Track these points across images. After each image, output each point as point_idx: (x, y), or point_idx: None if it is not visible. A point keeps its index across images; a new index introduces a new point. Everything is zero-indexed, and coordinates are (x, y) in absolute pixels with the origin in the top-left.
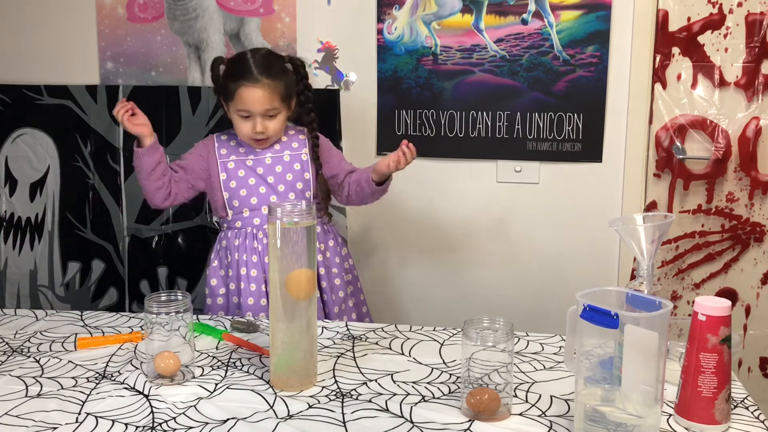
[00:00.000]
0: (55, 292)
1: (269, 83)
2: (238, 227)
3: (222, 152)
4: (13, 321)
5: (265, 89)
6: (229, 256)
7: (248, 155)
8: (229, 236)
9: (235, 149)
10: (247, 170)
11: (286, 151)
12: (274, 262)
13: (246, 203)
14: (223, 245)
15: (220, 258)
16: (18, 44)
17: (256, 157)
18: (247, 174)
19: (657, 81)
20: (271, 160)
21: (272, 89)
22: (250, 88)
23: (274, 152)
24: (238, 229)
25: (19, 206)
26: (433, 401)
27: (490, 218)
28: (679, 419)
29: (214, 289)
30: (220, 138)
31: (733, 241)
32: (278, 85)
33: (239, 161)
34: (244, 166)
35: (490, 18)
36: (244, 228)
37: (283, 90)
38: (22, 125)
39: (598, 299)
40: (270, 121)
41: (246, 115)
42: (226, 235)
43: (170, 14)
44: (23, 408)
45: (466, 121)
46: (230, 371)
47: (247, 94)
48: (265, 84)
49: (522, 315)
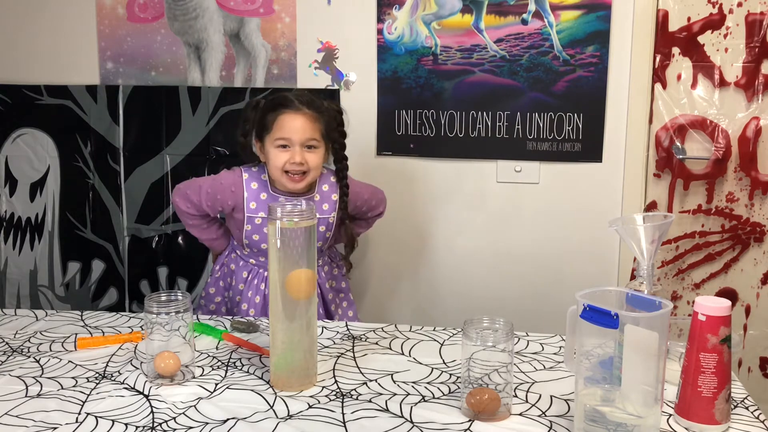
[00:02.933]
0: (55, 292)
1: (311, 114)
2: (252, 264)
3: (251, 206)
4: (13, 321)
5: (307, 118)
6: (232, 280)
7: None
8: (240, 265)
9: (264, 204)
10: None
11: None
12: (274, 262)
13: (264, 253)
14: (231, 268)
15: (224, 273)
16: (18, 44)
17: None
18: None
19: (657, 81)
20: None
21: (314, 120)
22: (292, 115)
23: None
24: (250, 264)
25: (19, 206)
26: (433, 401)
27: (490, 218)
28: (679, 419)
29: (210, 296)
30: (250, 187)
31: (733, 241)
32: (319, 118)
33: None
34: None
35: (490, 18)
36: (257, 267)
37: (323, 126)
38: (22, 125)
39: (598, 299)
40: (309, 154)
41: (284, 144)
42: (237, 261)
43: (170, 14)
44: (23, 408)
45: (466, 121)
46: (230, 371)
47: (288, 121)
48: (307, 113)
49: (522, 315)
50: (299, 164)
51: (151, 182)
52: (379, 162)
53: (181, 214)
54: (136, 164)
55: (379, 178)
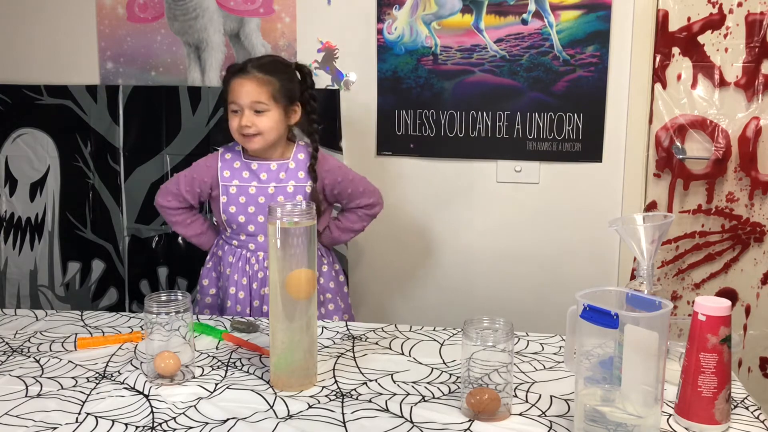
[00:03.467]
0: (55, 292)
1: (260, 77)
2: (235, 246)
3: (225, 174)
4: (13, 321)
5: (254, 82)
6: (221, 267)
7: (251, 181)
8: (225, 250)
9: (239, 173)
10: (248, 197)
11: (291, 181)
12: (274, 262)
13: (243, 229)
14: (218, 254)
15: (214, 263)
16: (18, 44)
17: (259, 185)
18: (247, 201)
19: (657, 81)
20: (275, 189)
21: (262, 83)
22: (240, 79)
23: (279, 181)
24: (233, 247)
25: (19, 206)
26: (433, 401)
27: (490, 218)
28: (679, 419)
29: (205, 288)
30: (224, 157)
31: (733, 241)
32: (270, 81)
33: (242, 187)
34: (246, 193)
35: (490, 18)
36: (240, 249)
37: (275, 88)
38: (22, 125)
39: (598, 299)
40: (258, 117)
41: (235, 109)
42: (223, 246)
43: (170, 14)
44: (23, 408)
45: (466, 121)
46: (230, 371)
47: (236, 86)
48: (255, 77)
49: (522, 315)
50: (246, 127)
51: (151, 182)
52: (379, 162)
53: (164, 211)
54: (136, 164)
55: (379, 178)
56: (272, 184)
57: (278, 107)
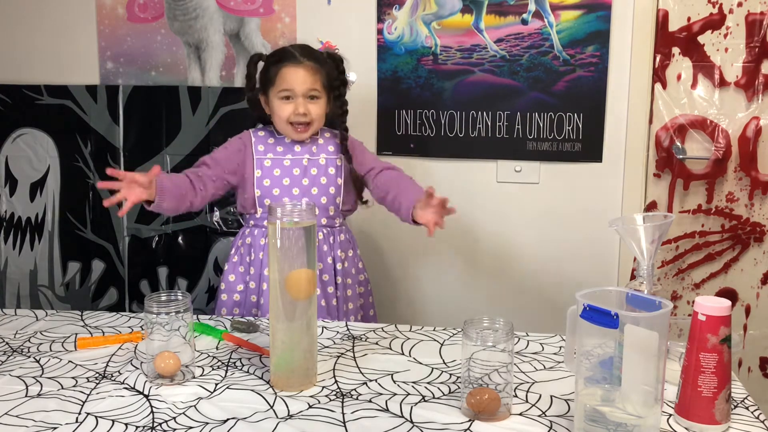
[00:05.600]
0: (55, 292)
1: (312, 65)
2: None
3: (259, 149)
4: (13, 321)
5: (308, 70)
6: (252, 254)
7: (286, 154)
8: (255, 234)
9: (273, 147)
10: (283, 170)
11: (323, 154)
12: (274, 262)
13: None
14: (247, 242)
15: (241, 255)
16: (18, 44)
17: (293, 157)
18: (282, 174)
19: (657, 81)
20: (308, 161)
21: (315, 71)
22: (293, 67)
23: (312, 154)
24: (265, 229)
25: (19, 206)
26: (433, 401)
27: (490, 218)
28: (679, 419)
29: (231, 285)
30: (257, 134)
31: (733, 241)
32: (320, 69)
33: (276, 160)
34: (281, 166)
35: (490, 18)
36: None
37: (324, 76)
38: (22, 125)
39: (598, 299)
40: (312, 104)
41: (287, 96)
42: (252, 232)
43: (170, 14)
44: (23, 408)
45: (466, 121)
46: (230, 371)
47: (290, 73)
48: (307, 65)
49: (522, 315)
50: (303, 114)
51: None
52: None
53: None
54: (136, 164)
55: None
56: (306, 156)
57: (326, 95)
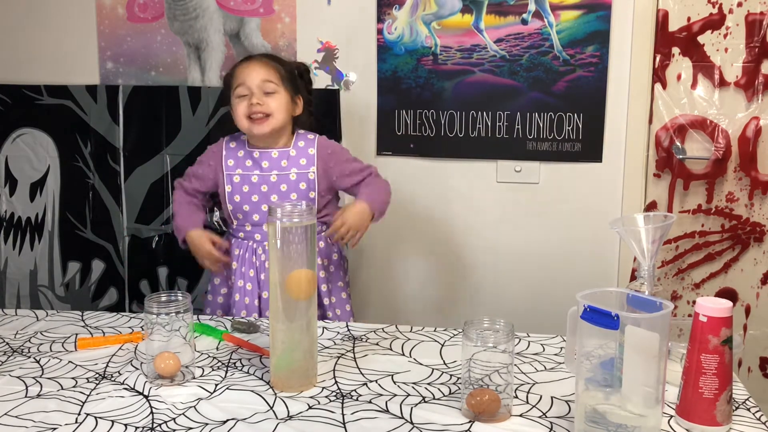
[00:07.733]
0: (55, 292)
1: (264, 60)
2: (241, 238)
3: (229, 163)
4: (13, 321)
5: (260, 63)
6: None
7: (254, 170)
8: (232, 243)
9: (242, 162)
10: (251, 186)
11: (293, 169)
12: (274, 262)
13: (248, 218)
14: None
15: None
16: (18, 44)
17: (261, 173)
18: (251, 190)
19: (657, 81)
20: (277, 178)
21: (267, 65)
22: (245, 63)
23: (281, 169)
24: (240, 240)
25: (19, 206)
26: (434, 402)
27: (490, 218)
28: (680, 420)
29: (216, 287)
30: (229, 146)
31: (733, 241)
32: (274, 64)
33: (245, 176)
34: (249, 182)
35: (490, 18)
36: (246, 240)
37: (282, 72)
38: (22, 125)
39: (598, 300)
40: (268, 98)
41: (243, 93)
42: (229, 240)
43: (170, 14)
44: (23, 408)
45: (466, 121)
46: (230, 372)
47: (241, 70)
48: (259, 59)
49: (522, 315)
50: (257, 105)
51: (151, 182)
52: (379, 162)
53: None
54: (136, 164)
55: None
56: (274, 172)
57: (286, 91)
